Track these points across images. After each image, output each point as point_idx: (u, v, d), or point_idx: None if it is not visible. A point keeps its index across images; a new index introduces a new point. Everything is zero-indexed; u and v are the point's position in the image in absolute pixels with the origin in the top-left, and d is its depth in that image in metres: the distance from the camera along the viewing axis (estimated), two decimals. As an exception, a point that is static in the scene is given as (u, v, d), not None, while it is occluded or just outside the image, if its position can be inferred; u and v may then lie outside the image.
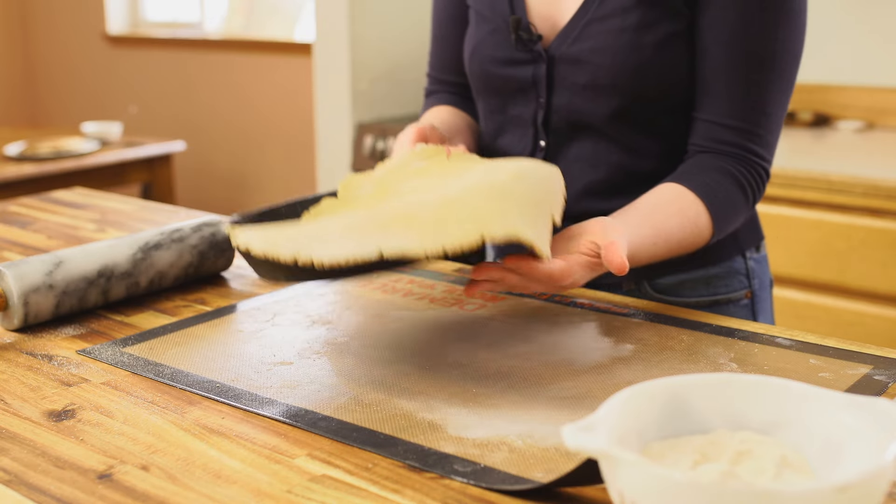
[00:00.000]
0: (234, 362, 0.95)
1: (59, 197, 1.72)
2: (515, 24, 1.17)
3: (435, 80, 1.37)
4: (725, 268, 1.21)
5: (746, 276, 1.23)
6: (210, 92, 4.26)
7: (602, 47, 1.12)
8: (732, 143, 1.11)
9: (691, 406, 0.68)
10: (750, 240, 1.24)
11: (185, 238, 1.17)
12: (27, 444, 0.80)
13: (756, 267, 1.24)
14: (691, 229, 1.06)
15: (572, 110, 1.16)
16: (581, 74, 1.14)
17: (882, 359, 0.93)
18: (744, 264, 1.22)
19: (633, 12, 1.11)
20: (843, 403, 0.65)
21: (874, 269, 2.09)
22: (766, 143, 1.12)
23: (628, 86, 1.12)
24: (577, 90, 1.15)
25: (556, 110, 1.17)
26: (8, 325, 1.05)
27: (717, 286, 1.21)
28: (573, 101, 1.16)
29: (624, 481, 0.59)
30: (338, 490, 0.71)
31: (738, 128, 1.10)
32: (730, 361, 0.93)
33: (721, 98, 1.10)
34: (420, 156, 1.04)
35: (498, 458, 0.75)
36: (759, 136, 1.11)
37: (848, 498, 0.55)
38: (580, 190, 1.18)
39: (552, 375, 0.90)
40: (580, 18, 1.14)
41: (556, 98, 1.17)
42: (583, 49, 1.14)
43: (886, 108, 2.58)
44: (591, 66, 1.13)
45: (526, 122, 1.21)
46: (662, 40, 1.10)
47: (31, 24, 4.87)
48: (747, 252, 1.23)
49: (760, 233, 1.26)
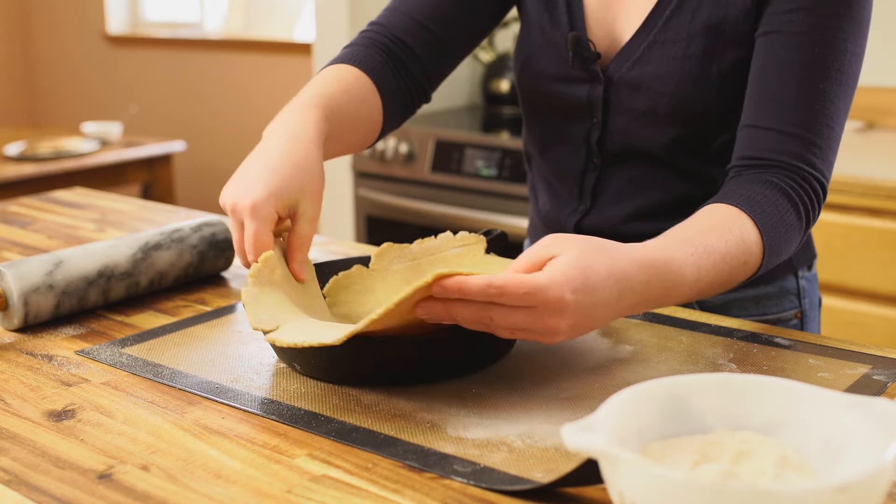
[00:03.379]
0: (233, 363, 0.95)
1: (59, 197, 1.72)
2: (574, 42, 1.10)
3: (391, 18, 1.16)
4: (777, 287, 1.16)
5: (797, 295, 1.18)
6: (210, 92, 4.26)
7: (664, 74, 1.07)
8: (791, 152, 0.98)
9: (691, 406, 0.68)
10: (803, 258, 1.18)
11: (185, 238, 1.17)
12: (27, 444, 0.80)
13: (807, 286, 1.19)
14: (736, 243, 0.91)
15: (629, 134, 1.11)
16: (640, 100, 1.09)
17: (881, 359, 0.93)
18: (795, 284, 1.18)
19: (698, 39, 1.05)
20: (842, 403, 0.65)
21: (874, 269, 2.09)
22: (826, 158, 1.00)
23: (689, 115, 1.07)
24: (636, 116, 1.10)
25: (612, 133, 1.12)
26: (8, 325, 1.05)
27: (766, 306, 1.16)
28: (630, 126, 1.11)
29: (624, 481, 0.59)
30: (338, 490, 0.71)
31: (799, 136, 0.99)
32: (729, 362, 0.93)
33: (784, 104, 0.99)
34: (459, 242, 1.04)
35: (498, 458, 0.75)
36: (820, 149, 0.99)
37: (848, 498, 0.55)
38: (631, 212, 1.14)
39: (552, 376, 0.90)
40: (642, 40, 1.08)
41: (612, 121, 1.12)
42: (644, 74, 1.08)
43: (886, 108, 2.58)
44: (652, 93, 1.08)
45: (579, 140, 1.15)
46: (728, 71, 1.05)
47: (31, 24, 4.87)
48: (800, 271, 1.18)
49: (813, 251, 1.21)
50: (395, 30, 1.14)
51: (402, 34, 1.14)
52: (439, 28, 1.15)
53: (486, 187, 2.65)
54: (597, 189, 1.18)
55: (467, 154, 2.70)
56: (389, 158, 2.86)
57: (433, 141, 2.78)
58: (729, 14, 1.05)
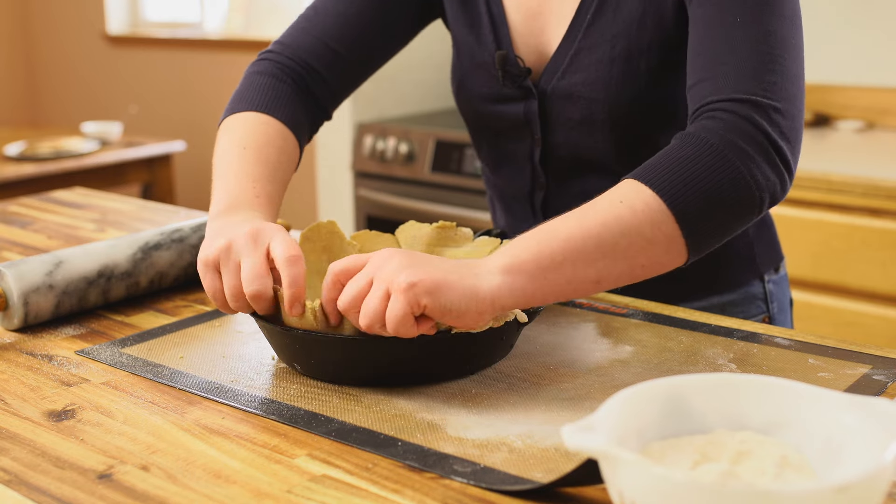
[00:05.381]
0: (233, 363, 0.95)
1: (59, 197, 1.72)
2: (502, 61, 1.08)
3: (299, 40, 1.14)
4: (742, 294, 1.14)
5: (764, 300, 1.15)
6: (210, 92, 4.26)
7: (593, 80, 1.04)
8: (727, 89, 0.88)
9: (691, 406, 0.68)
10: (768, 261, 1.15)
11: (185, 238, 1.17)
12: (27, 444, 0.80)
13: (774, 289, 1.16)
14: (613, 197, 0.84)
15: (571, 147, 1.09)
16: (575, 110, 1.06)
17: (881, 358, 0.93)
18: (762, 288, 1.15)
19: (621, 39, 1.02)
20: (842, 403, 0.65)
21: (874, 269, 2.09)
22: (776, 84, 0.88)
23: (626, 117, 1.03)
24: (574, 126, 1.07)
25: (554, 147, 1.10)
26: (8, 325, 1.05)
27: (733, 313, 1.14)
28: (570, 138, 1.08)
29: (624, 481, 0.59)
30: (338, 490, 0.71)
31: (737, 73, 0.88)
32: (729, 362, 0.93)
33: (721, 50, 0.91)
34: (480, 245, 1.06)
35: (498, 458, 0.75)
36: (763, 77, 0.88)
37: (848, 498, 0.55)
38: None
39: (551, 376, 0.90)
40: (567, 49, 1.06)
41: (552, 135, 1.10)
42: (574, 83, 1.05)
43: (886, 108, 2.58)
44: (585, 101, 1.05)
45: (523, 158, 1.13)
46: (657, 63, 1.01)
47: (31, 24, 4.87)
48: (766, 275, 1.15)
49: (779, 252, 1.17)
50: (304, 54, 1.13)
51: (311, 59, 1.13)
52: (348, 52, 1.13)
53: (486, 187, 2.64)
54: (547, 207, 1.16)
55: (467, 154, 2.70)
56: (389, 158, 2.86)
57: (433, 141, 2.78)
58: (650, 5, 1.01)
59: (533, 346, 0.97)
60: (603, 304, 1.09)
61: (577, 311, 1.07)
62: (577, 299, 1.10)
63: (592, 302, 1.10)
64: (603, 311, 1.07)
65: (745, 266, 1.13)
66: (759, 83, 0.88)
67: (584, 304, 1.09)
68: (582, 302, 1.10)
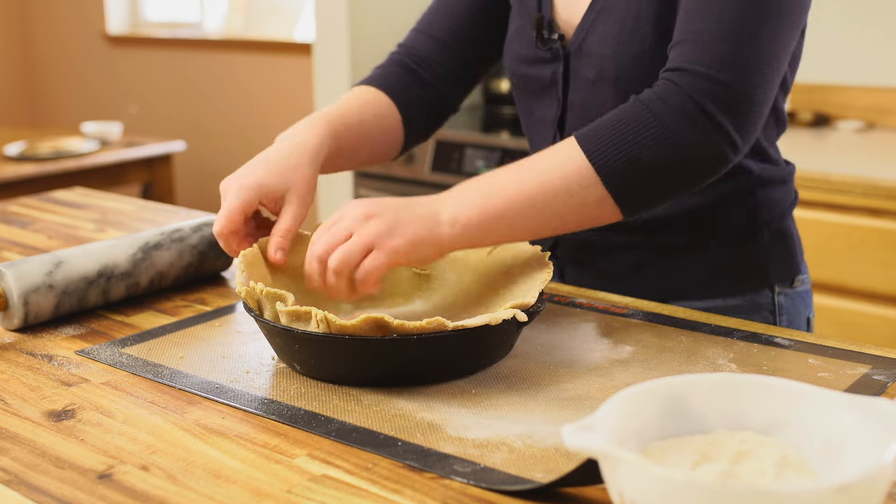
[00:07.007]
0: (233, 363, 0.95)
1: (59, 197, 1.72)
2: (537, 23, 1.13)
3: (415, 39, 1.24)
4: (747, 300, 1.11)
5: (773, 312, 1.12)
6: (210, 92, 4.26)
7: (606, 36, 1.07)
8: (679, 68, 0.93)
9: (691, 406, 0.68)
10: (782, 273, 1.12)
11: (185, 238, 1.17)
12: (27, 444, 0.80)
13: (786, 303, 1.12)
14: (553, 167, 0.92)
15: (584, 107, 1.11)
16: (590, 68, 1.09)
17: (881, 358, 0.93)
18: (770, 299, 1.12)
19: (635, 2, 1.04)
20: (842, 403, 0.65)
21: (874, 269, 2.09)
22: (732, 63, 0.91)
23: (632, 75, 1.05)
24: (588, 85, 1.10)
25: (571, 108, 1.13)
26: (8, 325, 1.05)
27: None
28: (584, 98, 1.11)
29: (624, 481, 0.59)
30: (338, 490, 0.71)
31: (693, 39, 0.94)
32: (729, 362, 0.93)
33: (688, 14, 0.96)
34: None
35: (498, 458, 0.75)
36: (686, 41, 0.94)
37: (848, 498, 0.55)
38: None
39: (551, 376, 0.90)
40: (591, 12, 1.09)
41: (571, 95, 1.13)
42: (591, 42, 1.09)
43: (886, 108, 2.58)
44: (597, 58, 1.08)
45: (549, 124, 1.17)
46: (666, 27, 1.02)
47: (31, 24, 4.87)
48: (777, 286, 1.12)
49: (797, 267, 1.13)
50: (416, 49, 1.23)
51: (423, 52, 1.23)
52: (457, 43, 1.23)
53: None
54: None
55: (467, 154, 2.70)
56: (389, 158, 2.86)
57: (433, 141, 2.78)
58: None
59: (533, 346, 0.97)
60: (603, 304, 1.09)
61: (577, 311, 1.07)
62: (576, 299, 1.10)
63: (592, 302, 1.10)
64: (603, 311, 1.07)
65: (755, 273, 1.11)
66: (720, 56, 0.91)
67: (584, 304, 1.09)
68: (582, 302, 1.10)
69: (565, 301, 1.10)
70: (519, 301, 0.90)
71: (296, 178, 1.00)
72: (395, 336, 0.85)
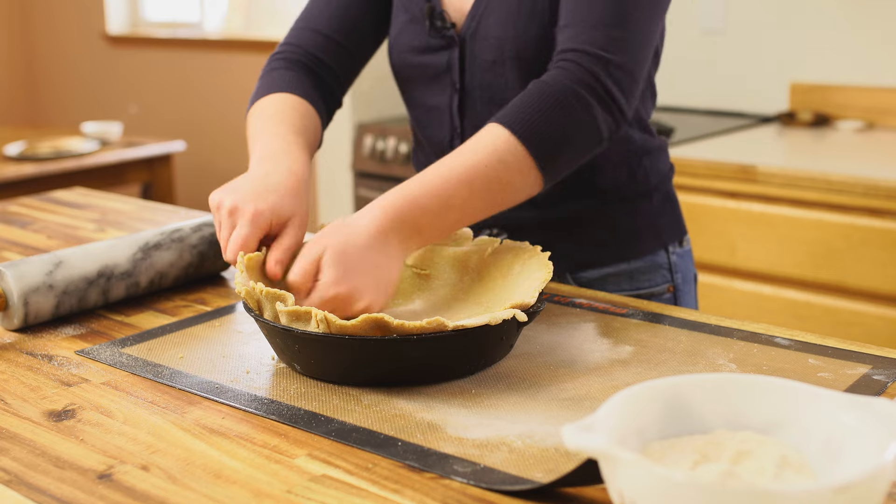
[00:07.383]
0: (233, 363, 0.95)
1: (59, 197, 1.72)
2: (430, 12, 1.17)
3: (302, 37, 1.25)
4: (648, 262, 1.23)
5: (669, 270, 1.24)
6: (210, 92, 4.26)
7: (504, 18, 1.12)
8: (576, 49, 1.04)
9: (691, 406, 0.68)
10: (672, 234, 1.25)
11: (185, 238, 1.18)
12: (27, 444, 0.80)
13: (679, 261, 1.26)
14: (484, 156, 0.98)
15: (484, 88, 1.16)
16: (488, 51, 1.14)
17: (881, 358, 0.93)
18: (666, 259, 1.24)
19: None
20: (842, 403, 0.65)
21: (874, 269, 2.09)
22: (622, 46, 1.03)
23: (530, 56, 1.11)
24: (487, 67, 1.15)
25: (470, 92, 1.17)
26: (8, 325, 1.05)
27: (639, 280, 1.22)
28: (484, 79, 1.16)
29: (624, 481, 0.59)
30: (338, 490, 0.71)
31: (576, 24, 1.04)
32: (729, 362, 0.93)
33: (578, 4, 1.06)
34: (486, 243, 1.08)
35: (498, 458, 0.75)
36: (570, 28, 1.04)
37: (848, 498, 0.55)
38: None
39: (551, 376, 0.90)
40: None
41: (468, 79, 1.17)
42: (488, 25, 1.14)
43: (886, 108, 2.58)
44: (495, 41, 1.13)
45: (443, 110, 1.21)
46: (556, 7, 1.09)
47: (31, 24, 4.87)
48: (670, 247, 1.25)
49: (683, 228, 1.28)
50: (309, 48, 1.23)
51: (316, 51, 1.23)
52: (346, 40, 1.24)
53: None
54: None
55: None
56: (389, 158, 2.86)
57: (433, 141, 2.77)
58: None
59: (533, 346, 0.97)
60: (603, 304, 1.09)
61: (577, 311, 1.07)
62: (576, 299, 1.11)
63: (592, 302, 1.10)
64: (603, 311, 1.07)
65: (652, 236, 1.23)
66: (607, 38, 1.03)
67: (583, 304, 1.09)
68: (582, 302, 1.10)
69: (565, 301, 1.10)
70: (519, 301, 0.90)
71: (299, 206, 1.02)
72: (395, 336, 0.85)
